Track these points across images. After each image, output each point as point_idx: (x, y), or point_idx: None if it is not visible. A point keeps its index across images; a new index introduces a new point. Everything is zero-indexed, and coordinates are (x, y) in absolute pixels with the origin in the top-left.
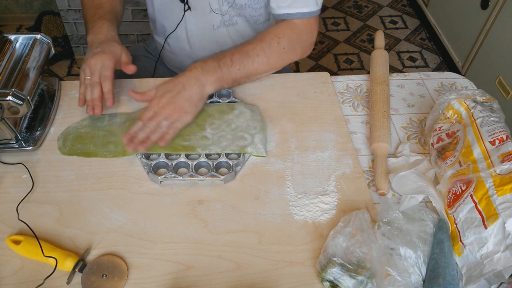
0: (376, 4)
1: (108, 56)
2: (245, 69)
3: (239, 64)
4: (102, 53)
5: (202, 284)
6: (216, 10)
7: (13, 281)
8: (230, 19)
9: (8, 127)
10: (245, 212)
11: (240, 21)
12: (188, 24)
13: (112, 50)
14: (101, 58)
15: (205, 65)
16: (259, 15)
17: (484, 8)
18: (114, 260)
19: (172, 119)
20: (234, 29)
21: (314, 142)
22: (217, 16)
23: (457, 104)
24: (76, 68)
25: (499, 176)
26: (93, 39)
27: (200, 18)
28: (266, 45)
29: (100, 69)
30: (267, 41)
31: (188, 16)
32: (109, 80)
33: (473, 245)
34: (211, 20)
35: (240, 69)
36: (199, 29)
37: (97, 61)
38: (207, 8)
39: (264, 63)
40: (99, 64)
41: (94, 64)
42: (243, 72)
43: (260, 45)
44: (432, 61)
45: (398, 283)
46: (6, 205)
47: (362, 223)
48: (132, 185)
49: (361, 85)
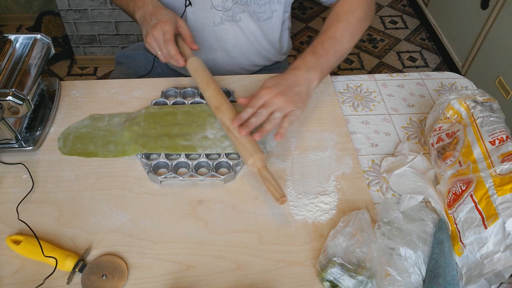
0: (376, 4)
1: (166, 23)
2: (338, 52)
3: (332, 50)
4: (159, 22)
5: (202, 284)
6: (218, 6)
7: (13, 281)
8: (234, 15)
9: (8, 127)
10: (245, 212)
11: (243, 17)
12: (189, 20)
13: (167, 18)
14: (160, 27)
15: (307, 62)
16: (262, 12)
17: (484, 8)
18: (114, 260)
19: (285, 111)
20: (237, 25)
21: (314, 142)
22: (218, 12)
23: (457, 104)
24: (76, 68)
25: (499, 176)
26: (143, 13)
27: (200, 14)
28: (345, 24)
29: (162, 35)
30: (345, 19)
31: (189, 12)
32: (171, 43)
33: (473, 245)
34: (211, 17)
35: (334, 55)
36: (199, 25)
37: (158, 31)
38: (208, 4)
39: (349, 40)
40: (160, 32)
41: (157, 34)
42: (337, 56)
43: (340, 25)
44: (432, 61)
45: (398, 283)
46: (6, 205)
47: (362, 223)
48: (132, 185)
49: (361, 85)
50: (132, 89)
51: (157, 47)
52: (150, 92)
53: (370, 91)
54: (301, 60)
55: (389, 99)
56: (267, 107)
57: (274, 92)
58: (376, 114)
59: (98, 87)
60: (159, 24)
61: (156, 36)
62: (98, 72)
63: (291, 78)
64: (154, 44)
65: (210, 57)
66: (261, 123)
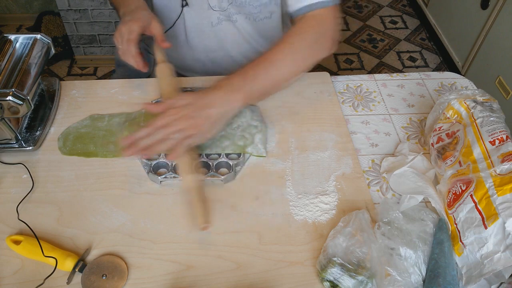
0: (376, 4)
1: (135, 22)
2: (271, 77)
3: (264, 74)
4: (129, 20)
5: (202, 284)
6: (215, 7)
7: (13, 281)
8: (230, 16)
9: (8, 127)
10: (245, 212)
11: (240, 18)
12: (187, 21)
13: (140, 17)
14: (128, 25)
15: (230, 84)
16: (258, 12)
17: (484, 8)
18: (114, 260)
19: (186, 134)
20: (233, 26)
21: (314, 142)
22: (215, 13)
23: (457, 104)
24: (76, 68)
25: (499, 176)
26: (124, 11)
27: (198, 15)
28: (288, 46)
29: (127, 34)
30: (290, 41)
31: (187, 12)
32: (132, 43)
33: (473, 245)
34: (209, 17)
35: (266, 79)
36: (197, 26)
37: (126, 28)
38: (205, 4)
39: (290, 65)
40: (126, 30)
41: (124, 31)
42: (270, 82)
43: (282, 47)
44: (432, 61)
45: (398, 283)
46: (6, 205)
47: (362, 223)
48: (132, 185)
49: (361, 85)
50: (132, 89)
51: (121, 43)
52: (150, 92)
53: (370, 91)
54: (226, 80)
55: (389, 99)
56: (166, 129)
57: (180, 114)
58: (376, 114)
59: (98, 87)
60: (129, 22)
61: (123, 32)
62: (98, 72)
63: (207, 98)
64: (119, 39)
65: (210, 57)
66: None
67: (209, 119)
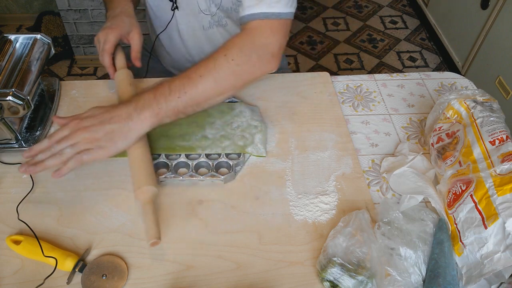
0: (376, 4)
1: (113, 31)
2: (188, 95)
3: (179, 91)
4: (108, 28)
5: (202, 284)
6: (205, 11)
7: (13, 281)
8: (219, 20)
9: (8, 127)
10: (245, 212)
11: (229, 22)
12: (180, 24)
13: (120, 24)
14: (106, 33)
15: (139, 99)
16: None
17: (484, 8)
18: (114, 260)
19: (79, 149)
20: (224, 30)
21: (314, 142)
22: (206, 16)
23: (457, 104)
24: (76, 68)
25: (499, 176)
26: (109, 14)
27: (190, 18)
28: (211, 62)
29: (103, 43)
30: (213, 57)
31: (179, 16)
32: (106, 53)
33: (473, 245)
34: (200, 21)
35: (181, 97)
36: (190, 29)
37: (103, 36)
38: (195, 8)
39: (210, 82)
40: (103, 39)
41: (101, 38)
42: (186, 99)
43: (205, 63)
44: (432, 61)
45: (398, 283)
46: (6, 205)
47: (362, 223)
48: (132, 185)
49: (361, 85)
50: None
51: (98, 49)
52: None
53: (370, 91)
54: (137, 96)
55: (389, 99)
56: (63, 142)
57: (80, 125)
58: (376, 114)
59: (98, 87)
60: (107, 30)
61: (101, 39)
62: (98, 72)
63: (113, 113)
64: (97, 45)
65: None
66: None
67: (109, 134)
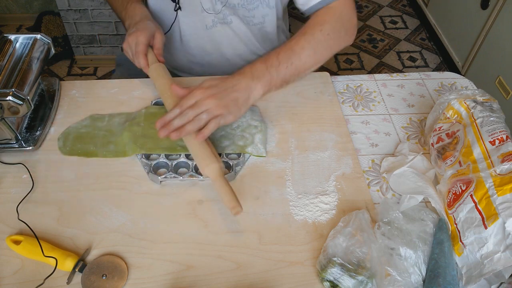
0: (376, 4)
1: (142, 33)
2: (293, 66)
3: (286, 62)
4: (136, 31)
5: (202, 284)
6: (209, 9)
7: (13, 281)
8: (224, 18)
9: (8, 127)
10: (245, 212)
11: (234, 20)
12: (182, 25)
13: (146, 27)
14: (135, 36)
15: (253, 70)
16: (252, 16)
17: (484, 8)
18: (114, 260)
19: (213, 114)
20: (229, 28)
21: (314, 142)
22: (210, 15)
23: (457, 104)
24: (76, 68)
25: (499, 176)
26: (130, 23)
27: (192, 18)
28: (309, 37)
29: (135, 46)
30: (310, 32)
31: (181, 16)
32: (141, 55)
33: (473, 245)
34: (203, 20)
35: (288, 67)
36: (191, 29)
37: (133, 40)
38: (198, 7)
39: (311, 55)
40: (133, 42)
41: (132, 42)
42: (291, 70)
43: (303, 38)
44: (432, 61)
45: (398, 283)
46: (6, 205)
47: (362, 223)
48: (132, 185)
49: (361, 85)
50: (132, 89)
51: (130, 54)
52: (150, 92)
53: (370, 91)
54: (249, 67)
55: (389, 99)
56: (196, 108)
57: (207, 93)
58: (376, 114)
59: (98, 87)
60: (135, 33)
61: (130, 43)
62: (98, 72)
63: (232, 82)
64: (128, 50)
65: (205, 60)
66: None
67: (235, 101)
